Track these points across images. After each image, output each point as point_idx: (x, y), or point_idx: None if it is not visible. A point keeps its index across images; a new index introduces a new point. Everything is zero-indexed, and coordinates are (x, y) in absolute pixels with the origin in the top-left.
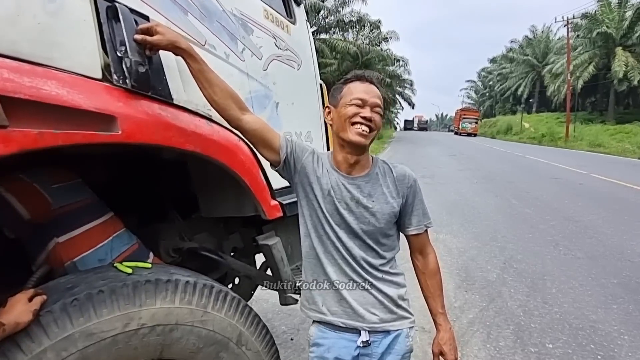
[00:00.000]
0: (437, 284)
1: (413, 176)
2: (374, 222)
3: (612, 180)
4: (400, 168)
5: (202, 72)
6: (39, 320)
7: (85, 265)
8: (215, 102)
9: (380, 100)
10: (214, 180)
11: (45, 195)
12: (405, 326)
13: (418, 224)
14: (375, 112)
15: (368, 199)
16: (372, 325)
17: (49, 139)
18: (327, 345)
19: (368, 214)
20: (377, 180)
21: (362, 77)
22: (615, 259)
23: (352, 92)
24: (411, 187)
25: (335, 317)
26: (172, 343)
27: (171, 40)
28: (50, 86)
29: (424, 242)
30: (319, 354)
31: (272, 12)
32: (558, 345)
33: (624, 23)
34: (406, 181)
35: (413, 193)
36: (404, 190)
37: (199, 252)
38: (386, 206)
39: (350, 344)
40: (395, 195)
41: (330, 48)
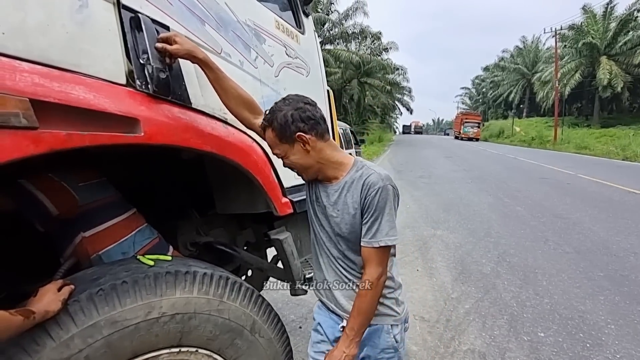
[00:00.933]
0: (357, 305)
1: (377, 186)
2: (338, 231)
3: (598, 180)
4: (372, 176)
5: (217, 80)
6: (67, 309)
7: (110, 257)
8: (230, 107)
9: (274, 149)
10: (228, 180)
11: (73, 193)
12: (385, 322)
13: (365, 236)
14: (283, 159)
15: (333, 207)
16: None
17: (76, 140)
18: (319, 320)
19: (333, 222)
20: (344, 189)
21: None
22: (601, 253)
23: None
24: (369, 196)
25: (327, 300)
26: (190, 330)
27: (188, 50)
28: (78, 91)
29: (367, 260)
30: (315, 326)
31: (282, 22)
32: (549, 334)
33: (608, 34)
34: (367, 190)
35: (369, 204)
36: (363, 199)
37: (214, 246)
38: (347, 216)
39: (335, 325)
40: (357, 205)
41: (335, 58)
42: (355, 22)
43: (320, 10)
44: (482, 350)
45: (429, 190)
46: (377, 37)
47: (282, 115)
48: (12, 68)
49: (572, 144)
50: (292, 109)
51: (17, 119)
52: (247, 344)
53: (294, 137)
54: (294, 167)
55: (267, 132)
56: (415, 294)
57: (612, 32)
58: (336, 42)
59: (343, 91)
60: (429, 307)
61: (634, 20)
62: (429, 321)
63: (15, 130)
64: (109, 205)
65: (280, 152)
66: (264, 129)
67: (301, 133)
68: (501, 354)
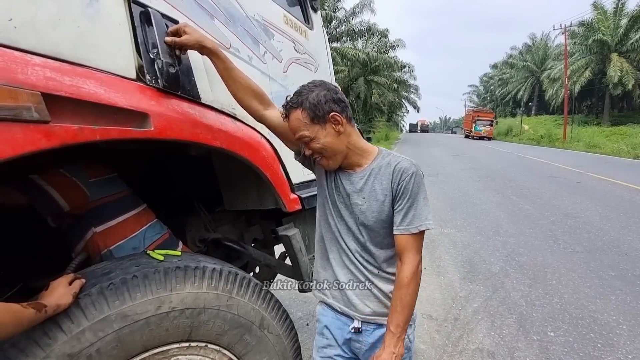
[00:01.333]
0: (401, 298)
1: (410, 171)
2: (363, 219)
3: (608, 178)
4: (402, 162)
5: (226, 70)
6: (78, 303)
7: (121, 252)
8: (239, 98)
9: (299, 131)
10: (236, 176)
11: (84, 189)
12: None
13: (401, 224)
14: (306, 143)
15: (359, 194)
16: (364, 316)
17: (88, 134)
18: (325, 323)
19: (358, 211)
20: (371, 176)
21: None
22: (612, 252)
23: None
24: (403, 181)
25: (334, 301)
26: (199, 325)
27: (197, 39)
28: (89, 85)
29: (405, 247)
30: (320, 330)
31: (291, 18)
32: (559, 334)
33: (619, 30)
34: (399, 176)
35: (403, 189)
36: (395, 186)
37: (222, 242)
38: (375, 203)
39: (344, 327)
40: (388, 192)
41: (341, 56)
42: (362, 20)
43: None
44: (490, 349)
45: (437, 188)
46: (383, 35)
47: (314, 95)
48: (24, 62)
49: (581, 142)
50: (323, 89)
51: (29, 113)
52: (255, 340)
53: (327, 118)
54: (323, 151)
55: (294, 114)
56: (423, 293)
57: (623, 29)
58: (343, 40)
59: (349, 89)
60: (437, 306)
61: None
62: (437, 320)
63: (28, 124)
64: (119, 200)
65: (309, 134)
66: (289, 110)
67: (335, 113)
68: (510, 353)
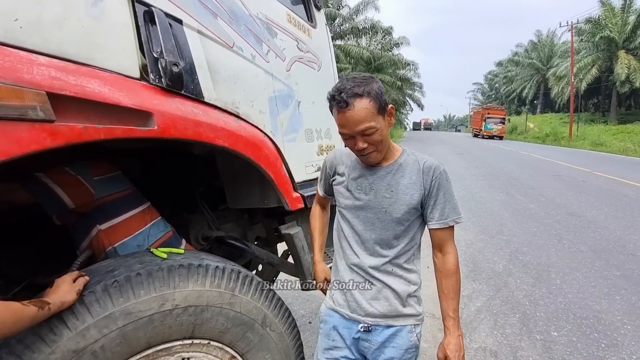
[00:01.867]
0: (452, 285)
1: (441, 169)
2: (391, 212)
3: (614, 177)
4: (429, 160)
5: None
6: (82, 300)
7: (125, 250)
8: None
9: (365, 121)
10: (240, 174)
11: (88, 187)
12: (409, 323)
13: (440, 218)
14: (367, 135)
15: (387, 188)
16: (374, 319)
17: (92, 133)
18: (332, 324)
19: (386, 204)
20: (399, 170)
21: (338, 103)
22: (618, 252)
23: (337, 122)
24: (436, 179)
25: (340, 308)
26: (202, 323)
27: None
28: (93, 84)
29: (445, 239)
30: (326, 331)
31: (294, 16)
32: (563, 334)
33: (627, 27)
34: (431, 173)
35: (437, 186)
36: (428, 183)
37: (225, 240)
38: (404, 197)
39: (352, 326)
40: (417, 187)
41: (345, 53)
42: (366, 17)
43: (330, 5)
44: (493, 348)
45: None
46: (388, 32)
47: (377, 87)
48: (30, 62)
49: (587, 140)
50: (378, 82)
51: (34, 112)
52: (258, 337)
53: (387, 109)
54: (381, 143)
55: (360, 103)
56: (426, 291)
57: (631, 26)
58: (347, 38)
59: None
60: (439, 305)
61: None
62: (439, 318)
63: (33, 123)
64: (124, 198)
65: (376, 125)
66: (353, 99)
67: (392, 106)
68: (513, 353)
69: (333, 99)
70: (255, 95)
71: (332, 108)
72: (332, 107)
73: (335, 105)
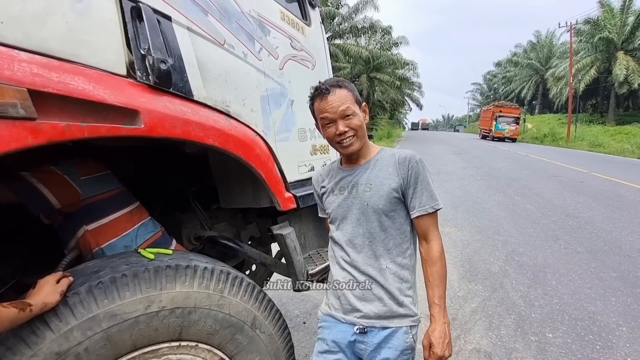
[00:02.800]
0: (437, 272)
1: (416, 158)
2: (372, 204)
3: (612, 178)
4: (404, 152)
5: None
6: (66, 301)
7: (113, 251)
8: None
9: (345, 103)
10: (232, 174)
11: (75, 186)
12: (404, 324)
13: (420, 205)
14: (348, 119)
15: (366, 182)
16: (369, 320)
17: (75, 132)
18: (328, 329)
19: (366, 197)
20: (376, 165)
21: (319, 93)
22: (614, 253)
23: (318, 112)
24: (412, 168)
25: (337, 313)
26: (190, 325)
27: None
28: (77, 81)
29: (428, 226)
30: (322, 336)
31: (288, 14)
32: (558, 335)
33: (625, 28)
34: (406, 163)
35: (415, 174)
36: (404, 172)
37: (218, 240)
38: (382, 187)
39: (348, 329)
40: (394, 177)
41: (344, 52)
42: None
43: (330, 4)
44: (488, 350)
45: (438, 186)
46: (387, 32)
47: (353, 86)
48: (11, 58)
49: (585, 141)
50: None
51: (15, 110)
52: (247, 339)
53: (362, 106)
54: (359, 129)
55: (340, 91)
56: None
57: (629, 27)
58: (345, 37)
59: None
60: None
61: None
62: None
63: (13, 120)
64: (112, 198)
65: (354, 110)
66: (332, 89)
67: (365, 104)
68: (507, 354)
69: (316, 90)
70: (246, 94)
71: (314, 103)
72: (314, 100)
73: (317, 95)
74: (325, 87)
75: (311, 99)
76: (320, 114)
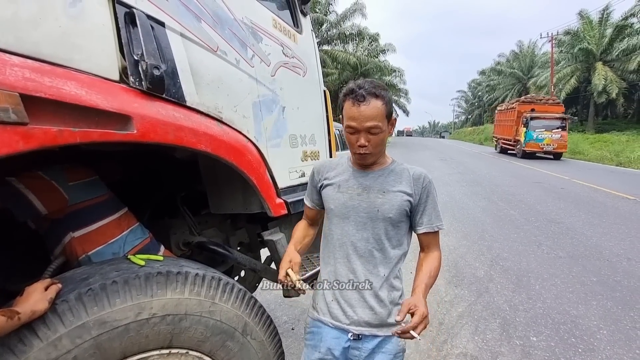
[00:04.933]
0: (434, 268)
1: (429, 177)
2: (383, 211)
3: (592, 185)
4: (418, 169)
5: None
6: (55, 309)
7: (100, 258)
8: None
9: (375, 119)
10: (222, 179)
11: (63, 192)
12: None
13: (429, 222)
14: (370, 134)
15: (379, 189)
16: (358, 327)
17: (67, 137)
18: (320, 335)
19: (378, 203)
20: (390, 174)
21: (354, 97)
22: (594, 258)
23: (346, 115)
24: (425, 187)
25: (325, 318)
26: (181, 332)
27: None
28: (69, 86)
29: (431, 242)
30: (313, 343)
31: (280, 21)
32: (541, 339)
33: (604, 40)
34: (421, 180)
35: (427, 193)
36: (419, 189)
37: (207, 246)
38: (396, 198)
39: (342, 335)
40: (409, 191)
41: (332, 59)
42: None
43: (318, 11)
44: (474, 354)
45: None
46: (374, 39)
47: (390, 96)
48: (2, 62)
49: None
50: (389, 92)
51: (6, 114)
52: (238, 346)
53: (391, 119)
54: (379, 146)
55: (374, 102)
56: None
57: (607, 39)
58: (334, 43)
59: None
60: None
61: (629, 27)
62: None
63: (4, 125)
64: (100, 205)
65: (382, 126)
66: (369, 97)
67: (395, 118)
68: (493, 358)
69: (352, 92)
70: (239, 100)
71: (345, 101)
72: (346, 100)
73: (352, 98)
74: (362, 93)
75: (344, 96)
76: (347, 120)
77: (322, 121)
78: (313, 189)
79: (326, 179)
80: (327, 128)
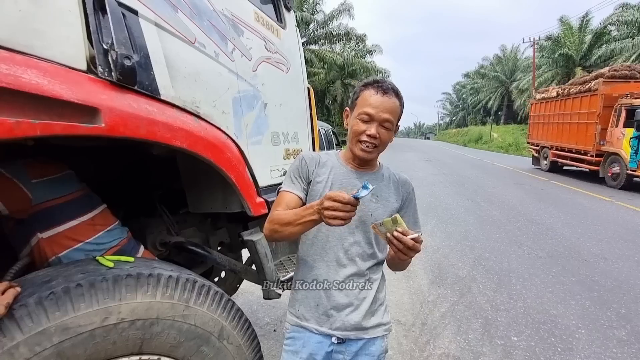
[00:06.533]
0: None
1: (412, 185)
2: (376, 216)
3: (570, 187)
4: (402, 175)
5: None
6: (12, 314)
7: (72, 260)
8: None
9: (392, 114)
10: (201, 177)
11: (25, 190)
12: (378, 334)
13: (413, 227)
14: (383, 127)
15: (374, 191)
16: (343, 332)
17: (26, 129)
18: (302, 340)
19: (372, 207)
20: (382, 179)
21: (379, 86)
22: (573, 258)
23: (364, 102)
24: (409, 193)
25: (308, 324)
26: (152, 337)
27: None
28: (29, 75)
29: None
30: (294, 349)
31: (262, 15)
32: (522, 338)
33: (583, 46)
34: (407, 186)
35: (410, 198)
36: (405, 194)
37: (185, 246)
38: (387, 203)
39: (325, 340)
40: (397, 197)
41: (319, 58)
42: (340, 24)
43: (305, 10)
44: (456, 354)
45: None
46: (361, 39)
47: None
48: None
49: None
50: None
51: None
52: (214, 351)
53: (398, 123)
54: (385, 142)
55: (393, 99)
56: (392, 297)
57: (587, 45)
58: (321, 43)
59: (326, 92)
60: (405, 311)
61: (607, 34)
62: (405, 324)
63: None
64: (70, 203)
65: (393, 126)
66: (390, 91)
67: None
68: (475, 358)
69: (376, 82)
70: (218, 95)
71: (366, 89)
72: (368, 88)
73: (376, 87)
74: (387, 85)
75: (364, 85)
76: (364, 106)
77: (306, 119)
78: (299, 178)
79: (317, 175)
80: (310, 126)
